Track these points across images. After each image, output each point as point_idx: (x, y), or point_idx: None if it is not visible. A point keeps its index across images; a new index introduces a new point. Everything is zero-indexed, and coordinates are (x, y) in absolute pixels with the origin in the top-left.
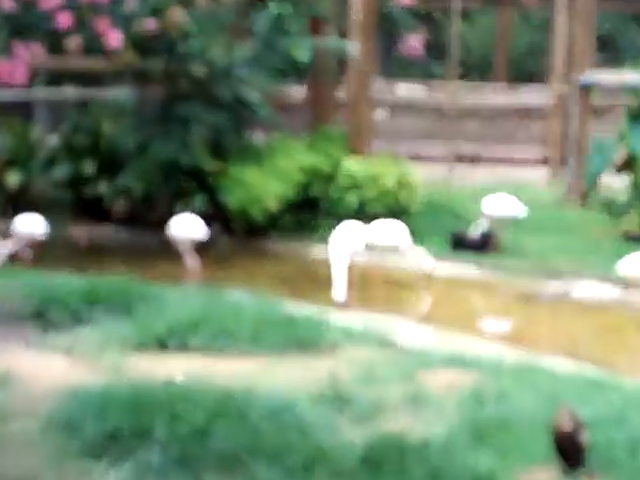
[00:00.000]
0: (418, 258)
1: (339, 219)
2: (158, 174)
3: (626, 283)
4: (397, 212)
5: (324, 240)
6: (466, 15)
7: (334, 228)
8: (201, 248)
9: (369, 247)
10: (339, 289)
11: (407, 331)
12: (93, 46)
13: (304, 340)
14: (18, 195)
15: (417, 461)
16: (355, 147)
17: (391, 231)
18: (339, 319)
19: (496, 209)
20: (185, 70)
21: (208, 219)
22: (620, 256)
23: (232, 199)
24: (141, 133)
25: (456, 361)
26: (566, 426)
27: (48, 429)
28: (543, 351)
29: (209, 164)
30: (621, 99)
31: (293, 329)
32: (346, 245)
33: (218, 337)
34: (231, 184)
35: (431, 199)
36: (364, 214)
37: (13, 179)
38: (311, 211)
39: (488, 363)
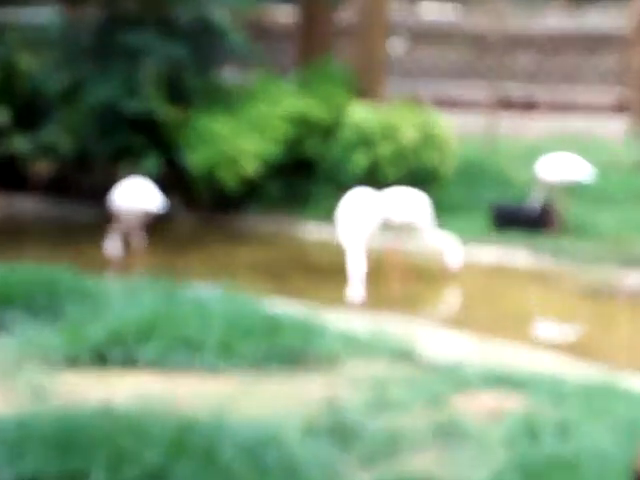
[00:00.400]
0: (440, 243)
1: (342, 187)
2: (94, 125)
3: None
4: (421, 177)
5: (322, 216)
6: None
7: (336, 199)
8: (155, 226)
9: (384, 224)
10: (356, 285)
11: (434, 339)
12: None
13: (294, 352)
14: None
15: None
16: (363, 89)
17: (406, 203)
18: (342, 323)
19: (556, 173)
20: None
21: (164, 187)
22: None
23: (196, 159)
24: (72, 70)
25: (501, 380)
26: None
27: None
28: (619, 366)
29: (164, 111)
30: None
31: (279, 337)
32: (362, 224)
33: (177, 348)
34: (194, 139)
35: (468, 160)
36: (376, 181)
37: None
38: (304, 176)
39: (545, 382)
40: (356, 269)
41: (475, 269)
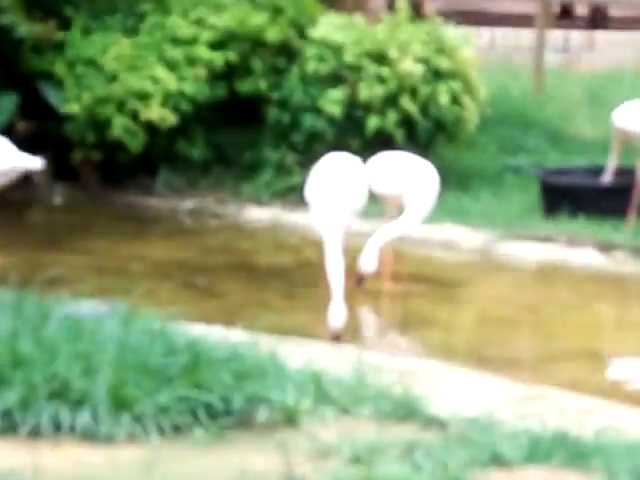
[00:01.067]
0: (380, 234)
1: (301, 146)
2: None
3: None
4: (428, 133)
5: (270, 191)
6: None
7: (293, 164)
8: (9, 207)
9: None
10: (338, 304)
11: (449, 384)
12: None
13: (229, 405)
14: None
15: None
16: None
17: (402, 178)
18: (307, 359)
19: None
20: None
21: (23, 146)
22: None
23: (74, 103)
24: None
25: (556, 448)
26: None
27: None
28: None
29: (24, 28)
30: None
31: (206, 382)
32: (343, 211)
33: (42, 401)
34: (72, 72)
35: (503, 104)
36: (355, 137)
37: None
38: (242, 129)
39: (624, 453)
40: (335, 276)
41: (514, 274)
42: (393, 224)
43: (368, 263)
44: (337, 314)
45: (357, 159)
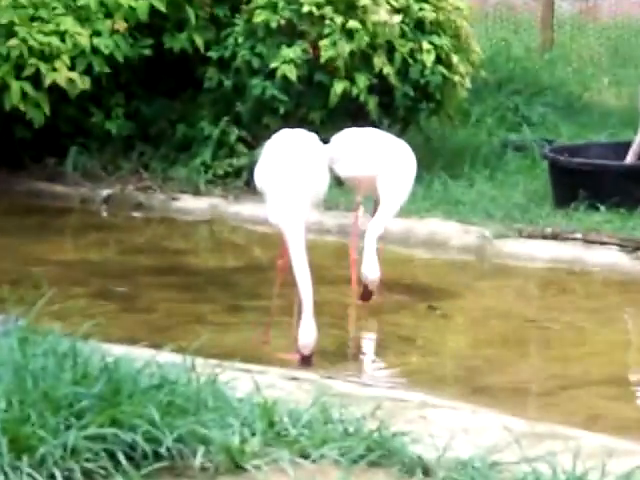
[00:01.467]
0: (369, 239)
1: (252, 118)
2: None
3: None
4: (408, 102)
5: (209, 175)
6: None
7: (249, 144)
8: None
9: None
10: (308, 319)
11: (437, 420)
12: None
13: (159, 448)
14: None
15: None
16: None
17: (369, 160)
18: (254, 389)
19: None
20: None
21: None
22: None
23: None
24: None
25: None
26: None
27: None
28: None
29: None
30: None
31: (127, 416)
32: (304, 201)
33: None
34: None
35: (503, 67)
36: (316, 106)
37: None
38: (173, 96)
39: None
40: (304, 284)
41: (516, 280)
42: (376, 219)
43: (372, 270)
44: (308, 331)
45: (315, 136)
